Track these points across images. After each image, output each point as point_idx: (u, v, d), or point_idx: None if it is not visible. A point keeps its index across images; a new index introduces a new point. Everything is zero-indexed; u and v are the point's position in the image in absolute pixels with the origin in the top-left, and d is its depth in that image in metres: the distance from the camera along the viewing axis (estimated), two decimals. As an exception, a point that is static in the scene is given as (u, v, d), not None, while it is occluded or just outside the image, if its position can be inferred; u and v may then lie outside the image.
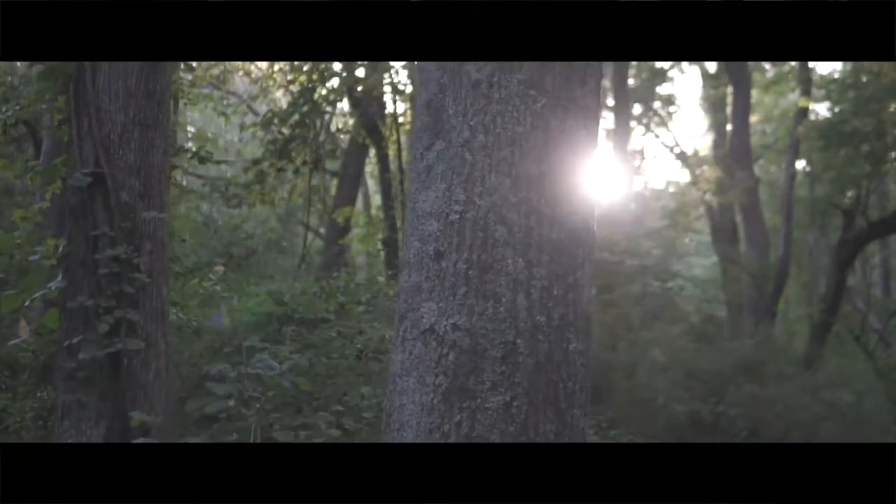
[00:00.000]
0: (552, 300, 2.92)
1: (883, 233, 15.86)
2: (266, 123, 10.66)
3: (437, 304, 2.92)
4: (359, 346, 5.95)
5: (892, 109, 13.27)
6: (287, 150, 10.33)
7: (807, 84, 16.82)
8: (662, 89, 24.99)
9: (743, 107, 18.14)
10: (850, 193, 15.14)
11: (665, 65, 25.96)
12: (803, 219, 19.33)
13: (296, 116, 10.33)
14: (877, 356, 15.92)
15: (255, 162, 10.80)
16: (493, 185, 2.91)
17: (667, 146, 24.05)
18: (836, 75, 17.62)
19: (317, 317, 6.51)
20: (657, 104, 23.79)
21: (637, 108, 23.61)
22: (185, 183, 15.19)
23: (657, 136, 24.86)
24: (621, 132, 15.99)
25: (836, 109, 14.72)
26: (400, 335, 3.03)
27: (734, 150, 18.13)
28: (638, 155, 24.97)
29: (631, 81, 23.83)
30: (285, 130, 10.40)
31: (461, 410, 2.85)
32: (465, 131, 2.94)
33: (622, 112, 16.13)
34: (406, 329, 3.00)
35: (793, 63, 21.02)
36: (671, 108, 25.10)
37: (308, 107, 10.27)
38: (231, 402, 3.16)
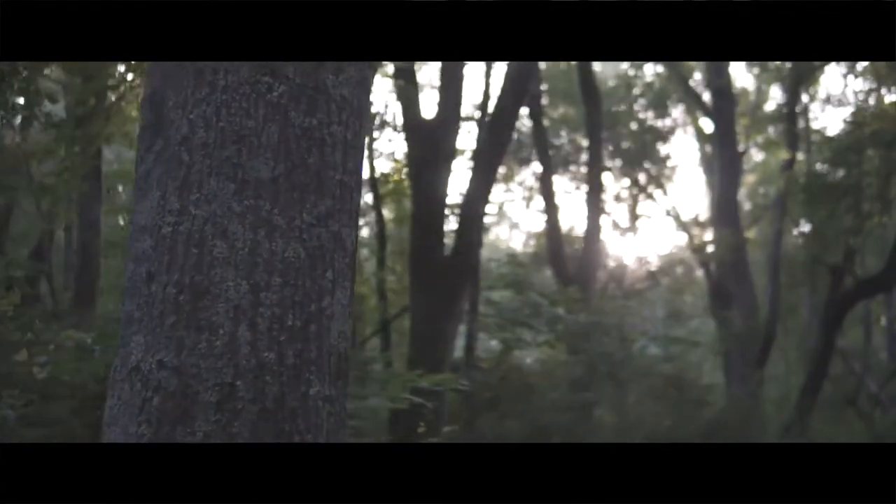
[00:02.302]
0: (285, 333, 2.36)
1: (872, 292, 15.14)
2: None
3: (144, 338, 2.38)
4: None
5: (875, 160, 12.70)
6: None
7: (792, 136, 16.22)
8: (660, 150, 24.62)
9: (729, 162, 17.50)
10: (841, 251, 14.50)
11: (659, 123, 25.59)
12: (798, 278, 18.61)
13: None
14: (875, 420, 15.24)
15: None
16: (213, 190, 2.37)
17: (664, 209, 23.52)
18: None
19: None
20: (651, 162, 23.32)
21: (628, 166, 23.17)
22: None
23: (654, 199, 24.39)
24: (594, 188, 15.44)
25: (819, 164, 14.21)
26: (112, 377, 2.48)
27: (720, 207, 17.47)
28: (634, 219, 24.49)
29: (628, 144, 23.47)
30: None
31: (165, 468, 2.29)
32: (184, 127, 2.42)
33: (595, 167, 15.60)
34: (116, 369, 2.46)
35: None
36: (667, 169, 24.72)
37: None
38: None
